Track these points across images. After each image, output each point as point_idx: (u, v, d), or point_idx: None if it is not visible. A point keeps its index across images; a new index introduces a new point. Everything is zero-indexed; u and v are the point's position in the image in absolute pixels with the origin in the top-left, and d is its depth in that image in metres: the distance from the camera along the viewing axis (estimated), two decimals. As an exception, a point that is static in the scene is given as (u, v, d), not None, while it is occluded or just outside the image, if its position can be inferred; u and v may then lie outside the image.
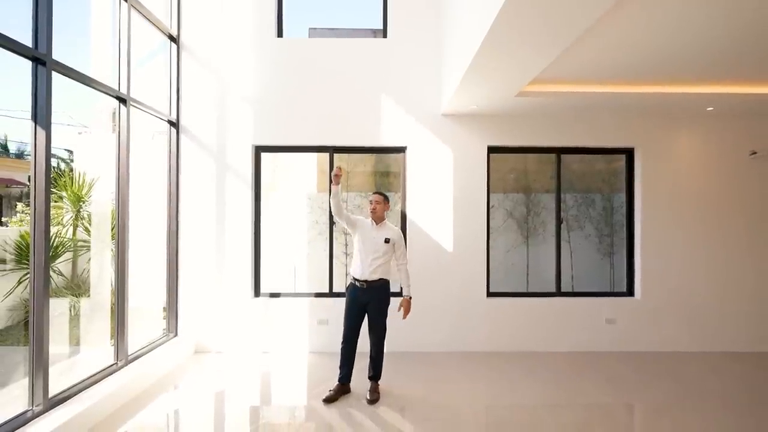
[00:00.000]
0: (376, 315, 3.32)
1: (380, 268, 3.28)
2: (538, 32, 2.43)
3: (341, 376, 3.36)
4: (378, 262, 3.26)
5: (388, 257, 3.30)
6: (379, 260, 3.26)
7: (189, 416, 3.18)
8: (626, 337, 4.50)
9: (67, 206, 5.41)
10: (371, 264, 3.25)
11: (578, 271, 4.78)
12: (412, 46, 4.47)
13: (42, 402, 2.65)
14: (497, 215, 4.78)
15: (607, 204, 4.85)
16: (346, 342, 3.35)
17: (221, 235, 4.39)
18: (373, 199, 3.31)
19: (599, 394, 3.49)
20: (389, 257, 3.31)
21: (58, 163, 6.20)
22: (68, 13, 3.25)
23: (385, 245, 3.26)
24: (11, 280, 3.87)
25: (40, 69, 2.66)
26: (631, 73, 3.49)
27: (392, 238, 3.29)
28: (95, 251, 4.40)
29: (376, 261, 3.25)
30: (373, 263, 3.25)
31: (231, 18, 4.43)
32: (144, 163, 4.34)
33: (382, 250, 3.26)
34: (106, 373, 3.29)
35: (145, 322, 4.39)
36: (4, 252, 4.26)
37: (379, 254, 3.26)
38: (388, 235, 3.29)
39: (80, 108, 4.59)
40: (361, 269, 3.27)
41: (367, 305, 3.32)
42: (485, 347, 4.44)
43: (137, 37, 3.70)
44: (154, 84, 4.27)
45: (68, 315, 4.55)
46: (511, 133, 4.51)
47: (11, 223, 5.57)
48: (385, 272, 3.30)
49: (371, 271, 3.25)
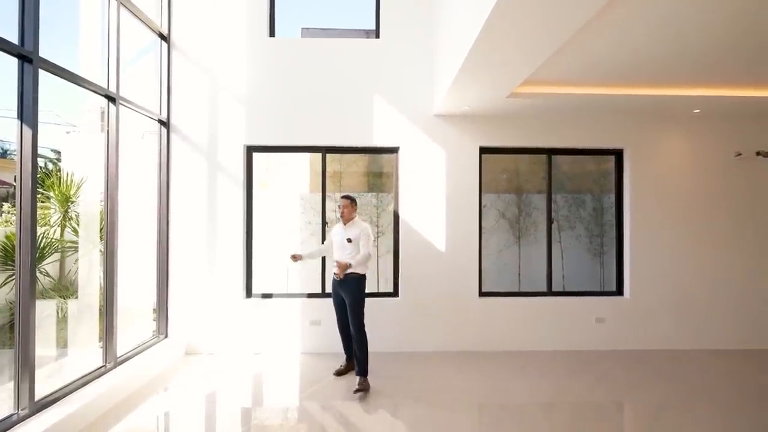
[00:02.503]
0: (349, 307, 3.58)
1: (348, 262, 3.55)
2: (529, 34, 2.46)
3: (347, 356, 3.85)
4: (345, 256, 3.58)
5: (355, 252, 3.57)
6: (346, 256, 3.57)
7: (179, 418, 3.14)
8: (616, 335, 4.55)
9: (54, 207, 5.32)
10: (341, 258, 3.58)
11: (569, 270, 4.83)
12: (405, 46, 4.48)
13: (28, 405, 2.60)
14: (489, 215, 4.81)
15: (597, 204, 4.91)
16: (340, 331, 3.82)
17: (212, 235, 4.35)
18: (341, 203, 3.67)
19: (590, 392, 3.52)
20: (356, 252, 3.57)
21: (45, 163, 6.07)
22: (56, 10, 3.20)
23: (349, 244, 3.59)
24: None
25: (27, 67, 2.61)
26: (621, 75, 3.54)
27: (354, 236, 3.59)
28: (83, 252, 4.33)
29: (343, 257, 3.58)
30: (341, 259, 3.57)
31: (223, 17, 4.39)
32: (134, 163, 4.29)
33: (348, 247, 3.59)
34: (95, 375, 3.25)
35: (134, 323, 4.33)
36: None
37: (347, 251, 3.59)
38: (350, 234, 3.61)
39: (68, 107, 4.53)
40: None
41: (343, 298, 3.63)
42: (478, 347, 4.46)
43: (127, 36, 3.66)
44: (145, 83, 4.22)
45: (55, 317, 4.47)
46: (503, 133, 4.54)
47: (-5, 223, 5.46)
48: (355, 266, 3.53)
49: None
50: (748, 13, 2.51)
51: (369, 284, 4.67)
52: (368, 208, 4.77)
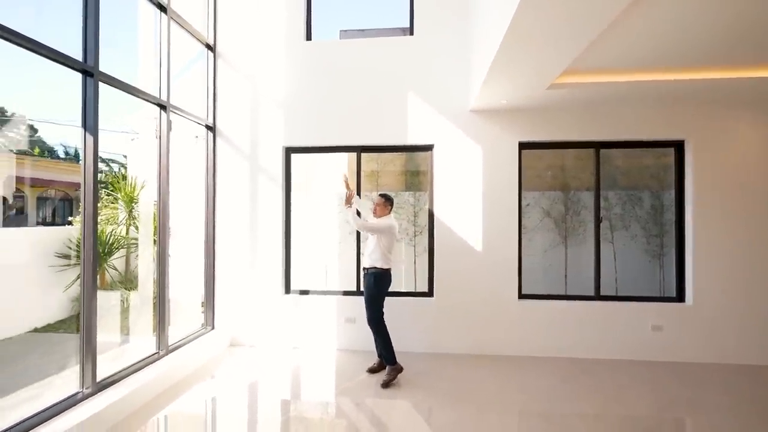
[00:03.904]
0: (365, 300, 3.72)
1: (369, 257, 3.72)
2: (566, 19, 2.29)
3: (378, 353, 3.82)
4: (368, 251, 3.76)
5: (375, 246, 3.69)
6: (368, 249, 3.76)
7: (225, 404, 3.34)
8: (674, 345, 4.14)
9: (121, 207, 5.89)
10: (365, 253, 3.80)
11: (623, 274, 4.47)
12: (439, 41, 4.39)
13: (91, 385, 2.90)
14: (533, 214, 4.58)
15: (656, 202, 4.50)
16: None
17: (254, 234, 4.57)
18: (376, 201, 3.82)
19: (642, 406, 3.23)
20: (375, 246, 3.69)
21: (119, 168, 6.78)
22: (115, 28, 3.53)
23: (372, 237, 3.74)
24: (73, 275, 4.27)
25: (89, 80, 2.91)
26: (680, 57, 3.16)
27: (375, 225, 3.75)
28: (143, 249, 4.75)
29: (367, 250, 3.78)
30: (365, 252, 3.80)
31: (262, 25, 4.59)
32: (187, 165, 4.63)
33: (372, 241, 3.74)
34: (149, 361, 3.54)
35: (185, 315, 4.68)
36: (69, 249, 4.72)
37: (369, 248, 3.76)
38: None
39: (133, 116, 4.99)
40: (364, 259, 3.85)
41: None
42: (517, 351, 4.28)
43: (177, 47, 3.94)
44: (194, 90, 4.52)
45: (120, 307, 4.95)
46: (545, 127, 4.30)
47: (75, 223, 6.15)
48: (374, 260, 3.67)
49: (366, 259, 3.77)
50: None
51: (405, 283, 4.69)
52: (406, 207, 4.75)
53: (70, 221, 5.86)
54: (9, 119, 6.38)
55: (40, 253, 4.95)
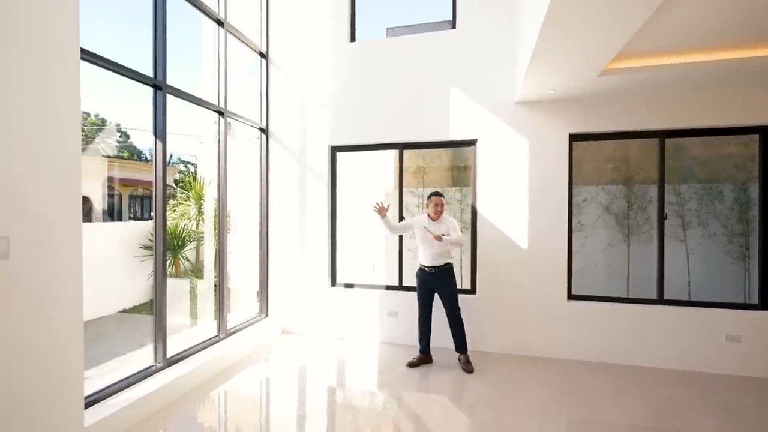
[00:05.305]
0: (447, 294, 3.82)
1: (442, 257, 3.82)
2: (604, 1, 2.14)
3: (421, 348, 3.95)
4: (431, 251, 3.79)
5: (439, 245, 3.73)
6: (432, 248, 3.78)
7: (276, 385, 3.65)
8: (754, 359, 3.66)
9: (191, 204, 6.55)
10: (434, 254, 3.80)
11: (697, 276, 4.04)
12: (482, 33, 4.27)
13: (162, 360, 3.32)
14: (589, 210, 4.30)
15: (741, 196, 3.98)
16: (421, 319, 3.95)
17: (302, 229, 4.85)
18: (435, 201, 3.83)
19: (704, 421, 2.93)
20: (444, 248, 3.78)
21: (195, 168, 7.56)
22: (182, 44, 3.96)
23: (438, 241, 3.71)
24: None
25: (158, 93, 3.30)
26: (756, 32, 2.79)
27: (445, 232, 3.77)
28: (207, 241, 5.27)
29: (437, 250, 3.78)
30: (435, 253, 3.80)
31: (309, 31, 4.81)
32: (246, 165, 5.04)
33: (436, 245, 3.74)
34: (210, 342, 3.94)
35: (244, 303, 5.12)
36: (150, 241, 5.40)
37: (434, 249, 3.78)
38: (442, 230, 3.79)
39: (201, 121, 5.54)
40: (428, 259, 3.84)
41: (436, 287, 3.86)
42: (565, 354, 4.07)
43: (234, 57, 4.30)
44: (249, 96, 4.90)
45: (189, 294, 5.56)
46: (598, 117, 4.01)
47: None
48: (443, 257, 3.82)
49: (436, 259, 3.80)
50: None
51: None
52: (452, 203, 4.71)
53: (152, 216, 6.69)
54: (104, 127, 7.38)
55: (128, 245, 5.74)
